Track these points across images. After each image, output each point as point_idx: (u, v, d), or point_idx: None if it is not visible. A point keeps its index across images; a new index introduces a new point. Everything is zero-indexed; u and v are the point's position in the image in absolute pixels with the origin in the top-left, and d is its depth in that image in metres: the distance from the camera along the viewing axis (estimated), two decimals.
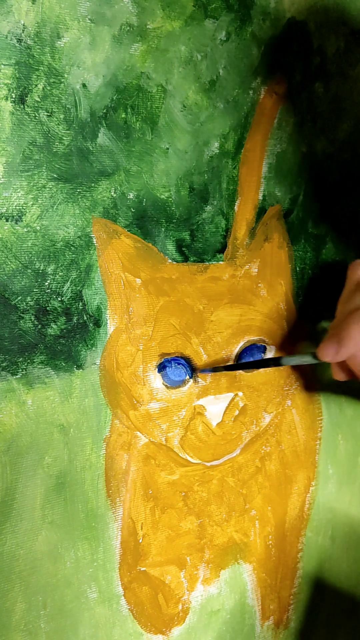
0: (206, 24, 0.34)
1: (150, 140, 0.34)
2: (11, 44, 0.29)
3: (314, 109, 0.39)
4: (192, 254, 0.36)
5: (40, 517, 0.32)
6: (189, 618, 0.37)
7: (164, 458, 0.36)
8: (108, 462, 0.34)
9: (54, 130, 0.31)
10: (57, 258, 0.32)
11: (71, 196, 0.32)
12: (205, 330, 0.37)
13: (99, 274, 0.33)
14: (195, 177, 0.35)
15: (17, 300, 0.31)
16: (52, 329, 0.32)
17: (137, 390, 0.35)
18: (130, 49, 0.32)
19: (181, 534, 0.37)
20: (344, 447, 0.43)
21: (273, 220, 0.38)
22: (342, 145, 0.40)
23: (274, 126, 0.38)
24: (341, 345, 0.32)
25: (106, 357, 0.34)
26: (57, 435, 0.33)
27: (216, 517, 0.38)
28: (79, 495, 0.33)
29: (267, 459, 0.40)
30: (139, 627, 0.36)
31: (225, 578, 0.39)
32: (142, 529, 0.36)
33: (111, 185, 0.33)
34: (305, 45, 0.38)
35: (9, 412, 0.31)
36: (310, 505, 0.42)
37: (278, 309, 0.39)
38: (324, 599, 0.43)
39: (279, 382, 0.40)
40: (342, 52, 0.39)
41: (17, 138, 0.30)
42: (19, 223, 0.30)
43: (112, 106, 0.32)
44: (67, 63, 0.31)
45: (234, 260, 0.37)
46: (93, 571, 0.34)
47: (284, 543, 0.41)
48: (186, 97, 0.34)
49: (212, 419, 0.37)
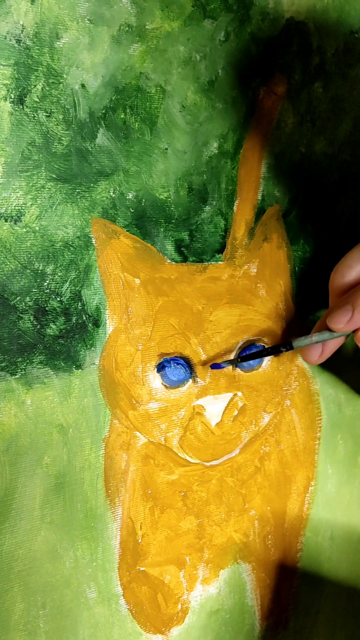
0: (205, 24, 0.34)
1: (149, 141, 0.34)
2: (10, 45, 0.29)
3: (313, 109, 0.39)
4: (191, 254, 0.36)
5: (39, 517, 0.32)
6: (188, 618, 0.37)
7: (163, 458, 0.36)
8: (107, 462, 0.34)
9: (53, 130, 0.31)
10: (56, 258, 0.32)
11: (70, 196, 0.32)
12: (204, 330, 0.37)
13: (98, 274, 0.33)
14: (194, 178, 0.35)
15: (16, 300, 0.31)
16: (51, 329, 0.32)
17: (136, 390, 0.35)
18: (129, 50, 0.32)
19: (180, 533, 0.37)
20: (343, 447, 0.43)
21: (272, 221, 0.38)
22: (341, 145, 0.40)
23: (273, 126, 0.38)
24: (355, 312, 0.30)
25: (105, 357, 0.34)
26: (56, 435, 0.33)
27: (215, 517, 0.38)
28: (78, 495, 0.33)
29: (267, 458, 0.40)
30: (138, 627, 0.36)
31: (225, 578, 0.39)
32: (141, 529, 0.36)
33: (110, 186, 0.33)
34: (304, 45, 0.38)
35: (8, 412, 0.31)
36: (309, 505, 0.42)
37: (277, 309, 0.39)
38: (323, 599, 0.43)
39: (278, 382, 0.40)
40: (341, 52, 0.39)
41: (16, 138, 0.30)
42: (18, 223, 0.31)
43: (111, 106, 0.32)
44: (66, 63, 0.31)
45: (233, 260, 0.37)
46: (92, 571, 0.34)
47: (283, 543, 0.41)
48: (185, 97, 0.34)
49: (211, 419, 0.37)
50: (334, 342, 0.35)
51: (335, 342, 0.35)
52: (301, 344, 0.35)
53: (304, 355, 0.36)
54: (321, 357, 0.35)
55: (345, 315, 0.31)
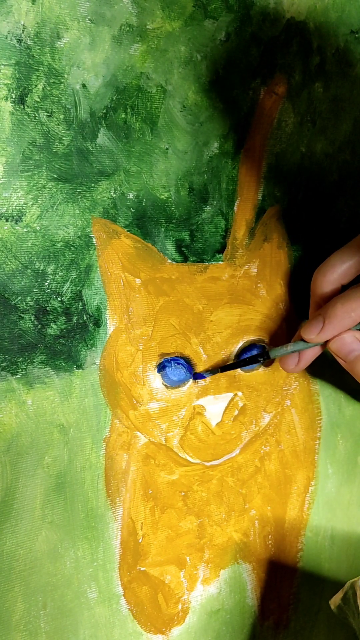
0: (206, 25, 0.34)
1: (150, 141, 0.34)
2: (11, 44, 0.29)
3: (314, 109, 0.39)
4: (191, 254, 0.36)
5: (40, 517, 0.32)
6: (189, 618, 0.37)
7: (164, 458, 0.36)
8: (108, 462, 0.34)
9: (53, 130, 0.31)
10: (57, 258, 0.32)
11: (71, 196, 0.32)
12: (204, 330, 0.37)
13: (98, 274, 0.33)
14: (195, 177, 0.35)
15: (17, 300, 0.31)
16: (52, 329, 0.32)
17: (137, 390, 0.35)
18: (130, 50, 0.32)
19: (181, 533, 0.37)
20: (344, 447, 0.43)
21: (272, 221, 0.38)
22: (341, 145, 0.40)
23: (274, 126, 0.38)
24: (326, 324, 0.32)
25: (106, 357, 0.34)
26: (57, 435, 0.33)
27: (216, 517, 0.38)
28: (79, 495, 0.33)
29: (267, 458, 0.40)
30: (139, 627, 0.36)
31: (225, 578, 0.39)
32: (142, 529, 0.36)
33: (111, 186, 0.33)
34: (304, 45, 0.38)
35: (9, 412, 0.31)
36: (309, 505, 0.42)
37: (277, 309, 0.39)
38: (323, 599, 0.43)
39: (278, 382, 0.40)
40: (341, 52, 0.39)
41: (17, 138, 0.30)
42: (19, 223, 0.30)
43: (112, 106, 0.32)
44: (67, 63, 0.31)
45: (233, 260, 0.37)
46: (93, 571, 0.34)
47: (283, 543, 0.41)
48: (186, 97, 0.34)
49: (212, 419, 0.37)
50: (311, 352, 0.36)
51: (312, 352, 0.36)
52: (278, 354, 0.36)
53: (282, 365, 0.37)
54: (298, 366, 0.36)
55: (317, 326, 0.33)
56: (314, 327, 0.33)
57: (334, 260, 0.35)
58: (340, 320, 0.32)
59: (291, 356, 0.36)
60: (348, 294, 0.33)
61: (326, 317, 0.32)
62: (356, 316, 0.32)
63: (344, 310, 0.32)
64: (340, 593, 0.38)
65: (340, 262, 0.35)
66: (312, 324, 0.33)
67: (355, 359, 0.34)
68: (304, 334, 0.34)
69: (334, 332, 0.33)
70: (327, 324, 0.32)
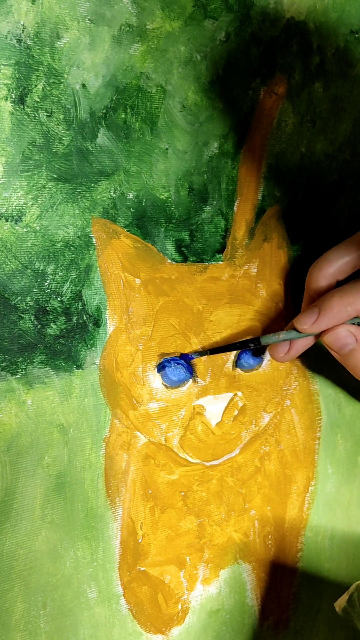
0: (206, 24, 0.34)
1: (150, 141, 0.34)
2: (11, 44, 0.29)
3: (314, 109, 0.39)
4: (191, 254, 0.36)
5: (40, 516, 0.32)
6: (189, 618, 0.37)
7: (164, 458, 0.36)
8: (108, 462, 0.34)
9: (53, 130, 0.31)
10: (56, 258, 0.32)
11: (71, 196, 0.32)
12: (204, 330, 0.37)
13: (98, 274, 0.33)
14: (195, 177, 0.35)
15: (16, 300, 0.31)
16: (52, 329, 0.32)
17: (137, 390, 0.35)
18: (130, 50, 0.32)
19: (181, 533, 0.37)
20: (343, 447, 0.43)
21: (272, 221, 0.38)
22: (341, 145, 0.40)
23: (274, 126, 0.38)
24: (321, 315, 0.32)
25: (106, 357, 0.34)
26: (57, 435, 0.33)
27: (215, 517, 0.38)
28: (79, 495, 0.33)
29: (267, 458, 0.40)
30: (139, 627, 0.36)
31: (225, 578, 0.39)
32: (142, 529, 0.36)
33: (111, 186, 0.33)
34: (304, 45, 0.38)
35: (9, 412, 0.31)
36: (309, 505, 0.42)
37: (277, 309, 0.39)
38: (323, 599, 0.43)
39: (278, 382, 0.40)
40: (341, 52, 0.39)
41: (16, 138, 0.30)
42: (18, 223, 0.31)
43: (112, 106, 0.32)
44: (66, 63, 0.31)
45: (233, 260, 0.37)
46: (93, 571, 0.34)
47: (283, 543, 0.41)
48: (186, 97, 0.34)
49: (212, 419, 0.37)
50: (302, 342, 0.36)
51: (304, 342, 0.36)
52: (269, 341, 0.35)
53: (271, 352, 0.37)
54: (287, 355, 0.36)
55: (311, 317, 0.33)
56: (308, 318, 0.33)
57: (331, 256, 0.35)
58: (336, 313, 0.33)
59: (282, 344, 0.36)
60: (346, 288, 0.33)
61: (322, 308, 0.33)
62: (352, 310, 0.33)
63: (340, 304, 0.32)
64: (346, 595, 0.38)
65: (337, 257, 0.35)
66: (307, 314, 0.33)
67: (349, 352, 0.34)
68: (297, 323, 0.34)
69: (328, 324, 0.33)
70: (322, 315, 0.33)
